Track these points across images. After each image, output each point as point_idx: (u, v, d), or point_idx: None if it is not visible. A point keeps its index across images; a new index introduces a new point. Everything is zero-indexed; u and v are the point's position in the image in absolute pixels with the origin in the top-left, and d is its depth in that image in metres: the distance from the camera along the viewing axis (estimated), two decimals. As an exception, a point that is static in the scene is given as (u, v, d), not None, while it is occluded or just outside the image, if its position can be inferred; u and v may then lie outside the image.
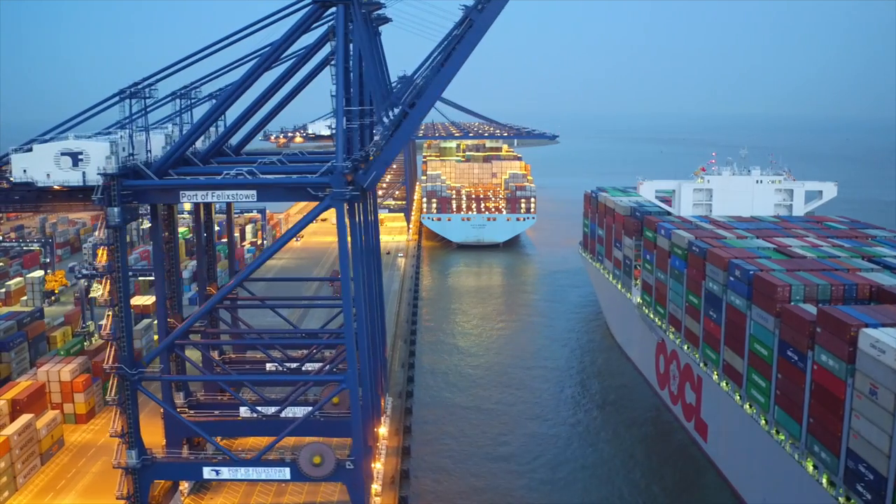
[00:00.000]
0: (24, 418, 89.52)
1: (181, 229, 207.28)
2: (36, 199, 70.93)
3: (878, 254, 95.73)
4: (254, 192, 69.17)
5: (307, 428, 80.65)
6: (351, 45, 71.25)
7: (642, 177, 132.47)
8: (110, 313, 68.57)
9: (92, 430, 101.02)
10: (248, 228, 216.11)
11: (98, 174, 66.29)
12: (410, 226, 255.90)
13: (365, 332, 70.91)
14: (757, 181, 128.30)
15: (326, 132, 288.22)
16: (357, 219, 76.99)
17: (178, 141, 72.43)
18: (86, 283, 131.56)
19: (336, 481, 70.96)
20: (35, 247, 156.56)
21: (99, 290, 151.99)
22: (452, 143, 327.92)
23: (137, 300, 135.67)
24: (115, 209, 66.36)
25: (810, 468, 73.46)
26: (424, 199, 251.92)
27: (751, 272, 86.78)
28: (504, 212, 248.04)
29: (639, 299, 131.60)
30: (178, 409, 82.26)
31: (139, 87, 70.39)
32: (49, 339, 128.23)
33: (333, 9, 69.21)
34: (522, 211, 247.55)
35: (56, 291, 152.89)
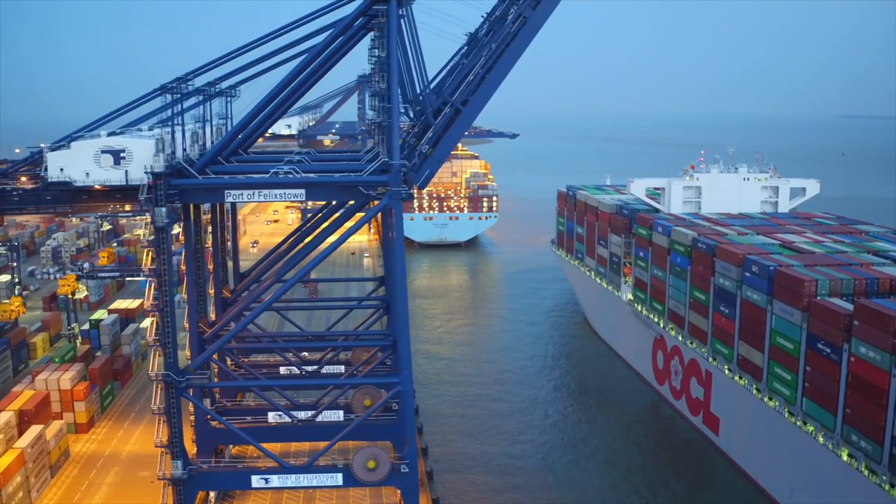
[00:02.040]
0: (35, 429, 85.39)
1: (141, 231, 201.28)
2: (70, 199, 67.73)
3: (881, 249, 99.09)
4: (302, 191, 67.31)
5: (339, 432, 79.22)
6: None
7: (632, 175, 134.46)
8: (154, 319, 65.86)
9: (95, 440, 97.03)
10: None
11: (145, 173, 63.52)
12: (371, 226, 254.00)
13: (407, 333, 69.82)
14: (744, 179, 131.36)
15: (287, 131, 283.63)
16: (390, 220, 75.83)
17: (223, 139, 70.01)
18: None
19: (390, 485, 69.62)
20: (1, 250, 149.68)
21: (84, 292, 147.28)
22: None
23: (119, 304, 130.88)
24: (163, 209, 63.68)
25: (845, 456, 75.53)
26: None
27: (771, 268, 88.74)
28: (466, 211, 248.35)
29: (630, 296, 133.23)
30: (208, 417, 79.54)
31: (181, 82, 67.78)
32: (29, 345, 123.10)
33: (382, 6, 67.83)
34: (485, 210, 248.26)
35: (70, 297, 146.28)
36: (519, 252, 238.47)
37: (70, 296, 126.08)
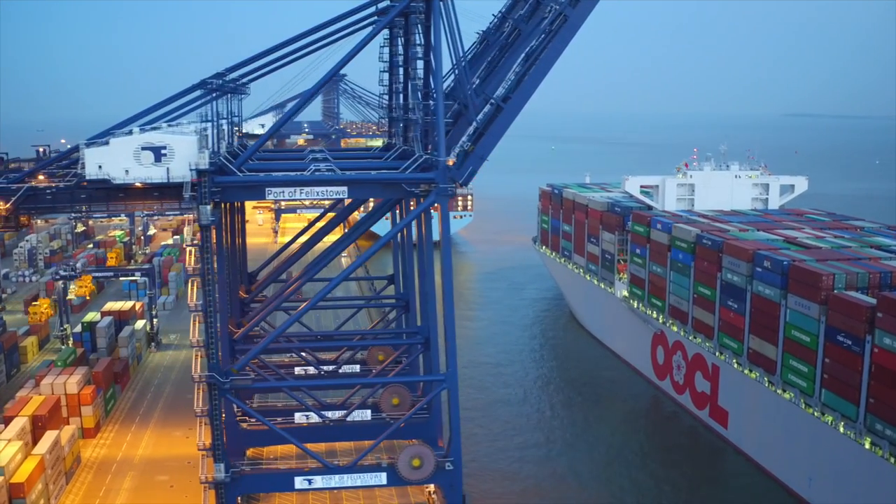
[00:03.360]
0: (51, 435, 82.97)
1: (117, 233, 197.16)
2: (106, 198, 65.97)
3: (883, 244, 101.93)
4: (344, 188, 66.80)
5: (369, 431, 78.76)
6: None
7: (627, 174, 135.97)
8: (197, 319, 64.58)
9: (104, 445, 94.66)
10: (186, 230, 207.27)
11: (191, 170, 62.27)
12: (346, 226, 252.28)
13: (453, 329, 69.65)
14: (736, 176, 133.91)
15: (260, 130, 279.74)
16: (427, 218, 75.65)
17: (263, 136, 68.93)
18: (63, 285, 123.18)
19: (434, 483, 69.35)
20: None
21: (76, 292, 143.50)
22: (378, 142, 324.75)
23: (112, 306, 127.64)
24: (207, 207, 62.53)
25: (868, 444, 77.57)
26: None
27: (785, 263, 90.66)
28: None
29: (625, 293, 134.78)
30: (238, 419, 78.31)
31: (219, 78, 66.64)
32: (20, 349, 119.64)
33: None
34: (460, 209, 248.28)
35: (87, 297, 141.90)
36: (494, 251, 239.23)
37: (63, 297, 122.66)
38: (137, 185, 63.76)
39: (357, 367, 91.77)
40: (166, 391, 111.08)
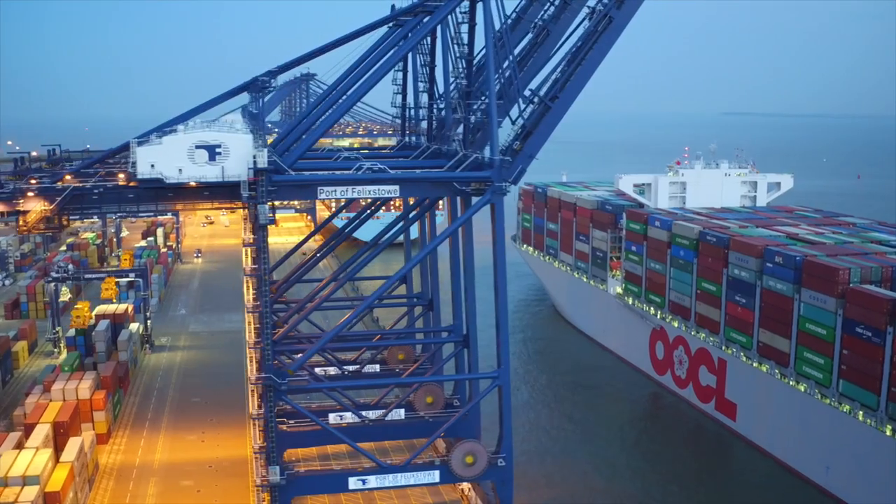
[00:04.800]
0: (75, 442, 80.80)
1: (88, 235, 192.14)
2: (155, 198, 64.65)
3: (883, 239, 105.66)
4: (396, 187, 66.54)
5: (404, 431, 78.79)
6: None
7: (620, 172, 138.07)
8: (253, 320, 63.70)
9: (118, 451, 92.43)
10: (160, 231, 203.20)
11: (250, 168, 61.41)
12: (316, 225, 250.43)
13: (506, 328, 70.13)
14: (725, 174, 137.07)
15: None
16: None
17: (317, 134, 68.26)
18: (55, 287, 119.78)
19: (486, 480, 69.53)
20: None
21: (68, 295, 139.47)
22: (345, 142, 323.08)
23: (102, 308, 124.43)
24: (266, 206, 61.84)
25: (888, 432, 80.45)
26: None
27: (798, 258, 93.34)
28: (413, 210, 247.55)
29: (619, 290, 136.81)
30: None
31: (273, 76, 65.93)
32: (11, 355, 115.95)
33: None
34: (434, 208, 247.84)
35: (114, 300, 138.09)
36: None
37: (55, 300, 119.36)
38: (192, 184, 62.63)
39: (377, 367, 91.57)
40: (170, 395, 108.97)
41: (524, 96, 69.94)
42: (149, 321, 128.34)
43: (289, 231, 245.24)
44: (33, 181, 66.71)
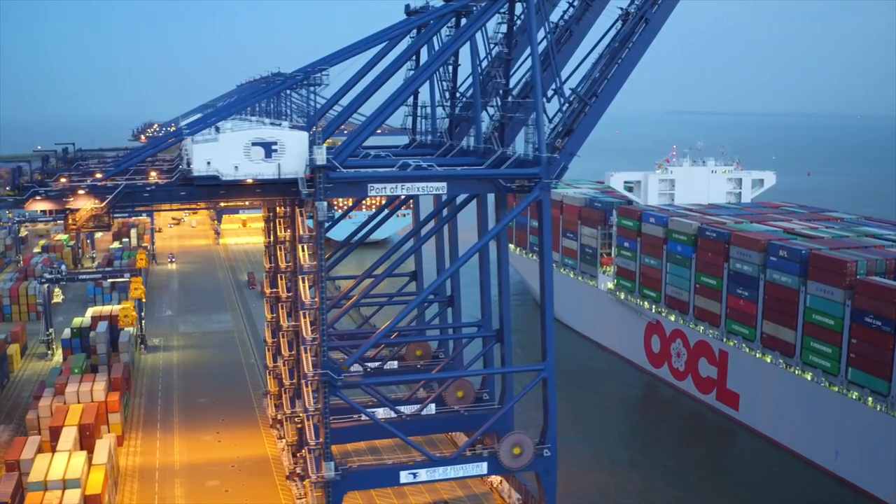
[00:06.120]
0: (104, 444, 79.84)
1: (62, 236, 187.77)
2: (206, 195, 64.32)
3: (874, 233, 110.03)
4: (444, 184, 67.33)
5: (437, 425, 79.73)
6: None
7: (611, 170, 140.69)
8: (309, 317, 63.84)
9: (135, 452, 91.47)
10: (133, 232, 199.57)
11: (308, 165, 61.58)
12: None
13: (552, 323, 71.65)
14: (712, 171, 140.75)
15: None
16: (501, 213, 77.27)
17: (366, 132, 68.43)
18: (47, 289, 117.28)
19: (532, 470, 70.68)
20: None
21: (61, 296, 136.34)
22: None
23: (100, 310, 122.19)
24: (324, 203, 62.03)
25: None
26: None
27: (804, 251, 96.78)
28: (386, 209, 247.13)
29: (611, 285, 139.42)
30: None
31: (321, 74, 66.07)
32: (7, 358, 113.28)
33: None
34: (403, 207, 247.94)
35: (144, 300, 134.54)
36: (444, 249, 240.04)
37: (48, 301, 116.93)
38: (248, 181, 62.49)
39: (395, 364, 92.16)
40: (175, 396, 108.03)
41: (564, 95, 71.44)
42: (143, 322, 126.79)
43: (259, 232, 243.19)
44: (63, 179, 65.83)
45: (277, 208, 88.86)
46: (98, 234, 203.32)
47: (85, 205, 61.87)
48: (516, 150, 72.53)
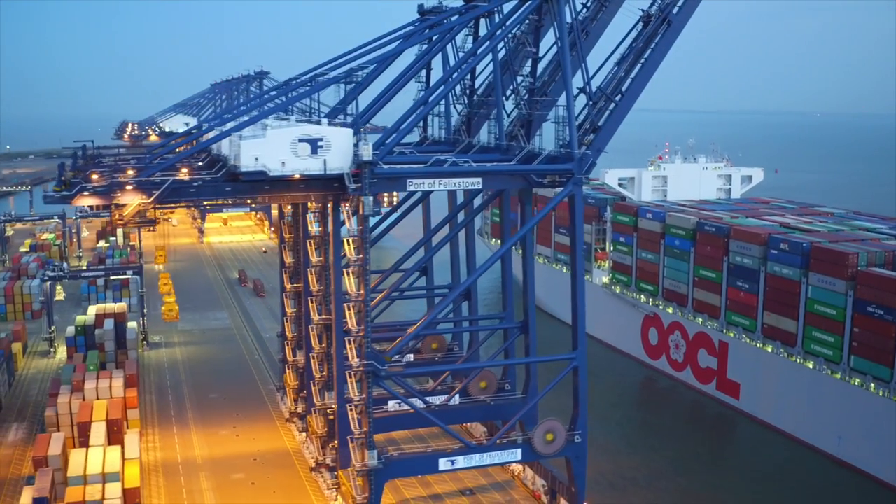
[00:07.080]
0: (132, 439, 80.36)
1: (48, 235, 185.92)
2: (251, 190, 65.41)
3: (867, 227, 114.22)
4: (479, 179, 69.05)
5: (463, 415, 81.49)
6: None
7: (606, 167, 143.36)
8: (353, 309, 65.19)
9: (154, 448, 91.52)
10: (119, 232, 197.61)
11: (355, 161, 62.97)
12: (272, 223, 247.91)
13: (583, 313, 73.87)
14: (703, 168, 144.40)
15: (183, 128, 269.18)
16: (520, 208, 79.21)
17: (409, 127, 69.98)
18: (49, 287, 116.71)
19: (563, 456, 72.70)
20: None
21: (62, 294, 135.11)
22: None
23: (102, 307, 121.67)
24: (370, 198, 63.51)
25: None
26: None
27: (805, 244, 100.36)
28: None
29: (606, 280, 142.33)
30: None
31: (355, 71, 67.57)
32: (12, 357, 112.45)
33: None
34: (385, 205, 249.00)
35: (174, 295, 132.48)
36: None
37: (50, 299, 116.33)
38: (295, 176, 63.67)
39: (411, 357, 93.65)
40: (185, 391, 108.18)
41: (590, 93, 73.67)
42: (144, 318, 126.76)
43: (241, 230, 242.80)
44: (95, 176, 66.33)
45: (285, 208, 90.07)
46: (85, 233, 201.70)
47: (132, 200, 62.60)
48: (536, 146, 74.82)
